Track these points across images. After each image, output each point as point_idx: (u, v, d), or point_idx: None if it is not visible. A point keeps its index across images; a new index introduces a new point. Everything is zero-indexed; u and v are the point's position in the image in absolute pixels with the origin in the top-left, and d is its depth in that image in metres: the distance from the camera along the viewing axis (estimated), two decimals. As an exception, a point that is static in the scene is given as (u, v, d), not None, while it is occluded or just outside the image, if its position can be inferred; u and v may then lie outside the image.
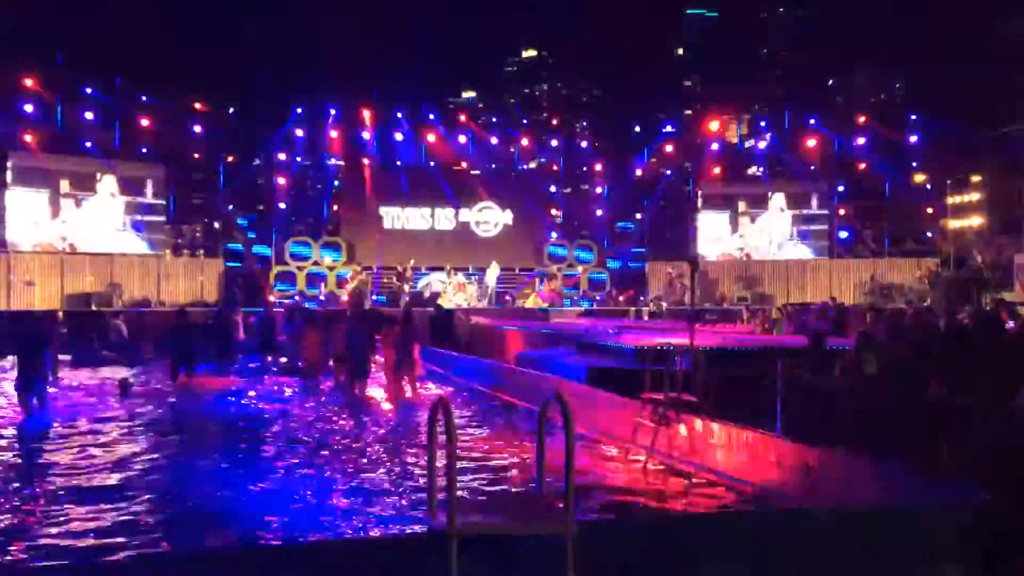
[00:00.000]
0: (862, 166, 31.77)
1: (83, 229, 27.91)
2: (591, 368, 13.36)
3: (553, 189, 34.74)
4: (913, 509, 5.59)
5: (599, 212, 34.88)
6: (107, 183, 28.49)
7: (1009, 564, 4.95)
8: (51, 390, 13.97)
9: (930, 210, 32.93)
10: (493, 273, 29.43)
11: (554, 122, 34.89)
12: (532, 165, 34.59)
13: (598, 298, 30.19)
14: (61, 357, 17.73)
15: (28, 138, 27.13)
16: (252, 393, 15.59)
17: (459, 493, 3.86)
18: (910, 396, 7.58)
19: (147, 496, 8.16)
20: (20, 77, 27.34)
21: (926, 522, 5.21)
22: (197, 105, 30.59)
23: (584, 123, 35.67)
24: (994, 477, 5.55)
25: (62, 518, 7.45)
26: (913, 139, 31.18)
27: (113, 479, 8.92)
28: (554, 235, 33.46)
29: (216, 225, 33.30)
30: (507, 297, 29.73)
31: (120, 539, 6.84)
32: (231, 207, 31.98)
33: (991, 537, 4.96)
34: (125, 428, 11.94)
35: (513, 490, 8.49)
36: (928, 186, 33.04)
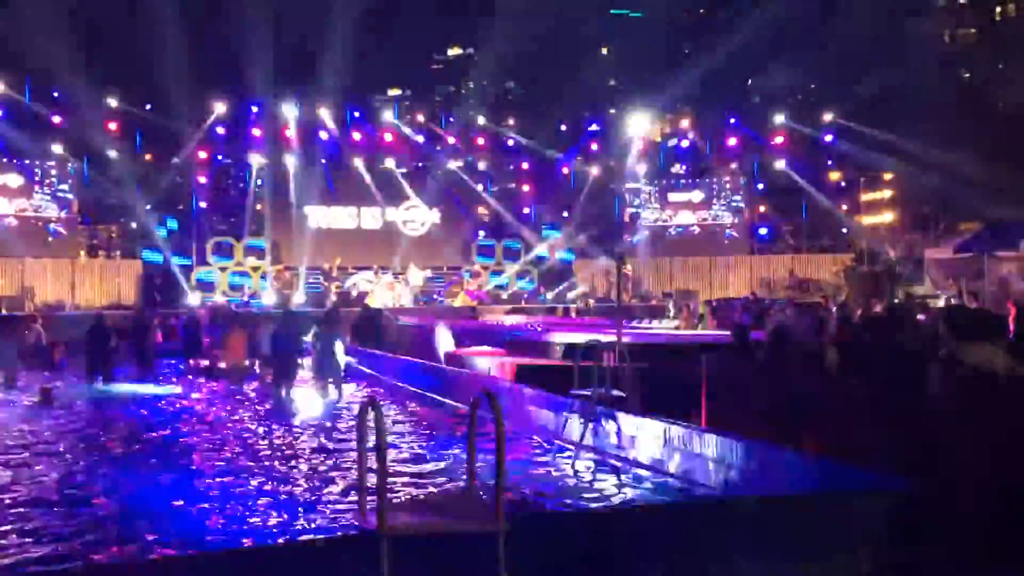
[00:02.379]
0: (780, 164, 32.64)
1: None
2: (520, 366, 13.43)
3: (480, 188, 34.74)
4: (834, 496, 5.79)
5: (526, 210, 35.03)
6: (14, 183, 27.53)
7: (927, 548, 5.15)
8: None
9: (844, 207, 33.99)
10: (416, 274, 29.29)
11: (480, 120, 34.64)
12: (459, 163, 34.51)
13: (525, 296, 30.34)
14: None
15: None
16: (174, 398, 15.21)
17: (389, 493, 3.84)
18: (830, 386, 7.83)
19: (67, 508, 7.89)
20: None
21: (846, 508, 5.39)
22: (112, 102, 29.61)
23: (510, 121, 35.78)
24: (910, 464, 5.78)
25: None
26: (828, 138, 32.16)
27: (30, 492, 8.60)
28: (482, 234, 33.47)
29: (133, 225, 32.24)
30: (435, 296, 29.65)
31: (39, 553, 6.62)
32: (149, 207, 31.02)
33: (909, 522, 5.16)
34: (43, 438, 11.52)
35: (444, 489, 8.48)
36: (843, 184, 34.11)
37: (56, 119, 28.65)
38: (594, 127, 33.99)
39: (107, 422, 12.87)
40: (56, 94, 28.68)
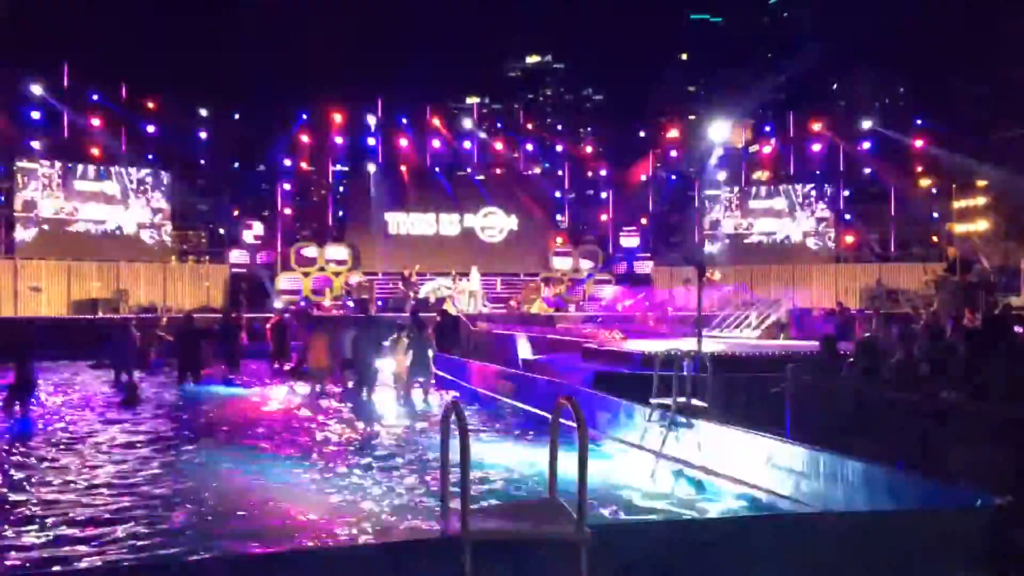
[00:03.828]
0: (867, 170, 31.75)
1: (91, 235, 28.08)
2: (598, 373, 13.35)
3: (558, 194, 34.78)
4: (927, 513, 5.58)
5: (604, 217, 34.92)
6: (111, 189, 28.67)
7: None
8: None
9: (936, 214, 32.86)
10: (476, 278, 29.26)
11: (559, 127, 34.78)
12: (537, 170, 34.63)
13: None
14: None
15: (36, 145, 27.25)
16: (260, 399, 15.59)
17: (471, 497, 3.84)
18: (921, 400, 7.56)
19: (158, 503, 8.15)
20: (28, 85, 27.50)
21: (940, 526, 5.19)
22: (202, 111, 30.68)
23: (588, 128, 35.70)
24: (1008, 480, 5.53)
25: (67, 527, 7.47)
26: (919, 143, 31.15)
27: (124, 487, 8.91)
28: (559, 240, 33.46)
29: (221, 231, 33.35)
30: (511, 302, 29.72)
31: (132, 549, 6.85)
32: (236, 213, 32.02)
33: (1006, 542, 4.94)
34: (133, 435, 11.95)
35: (525, 494, 8.48)
36: (934, 190, 32.97)
37: (150, 128, 29.83)
38: (673, 133, 33.64)
39: (193, 420, 13.26)
40: (151, 105, 29.85)
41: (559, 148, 34.28)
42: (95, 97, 29.11)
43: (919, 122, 31.36)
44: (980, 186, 32.07)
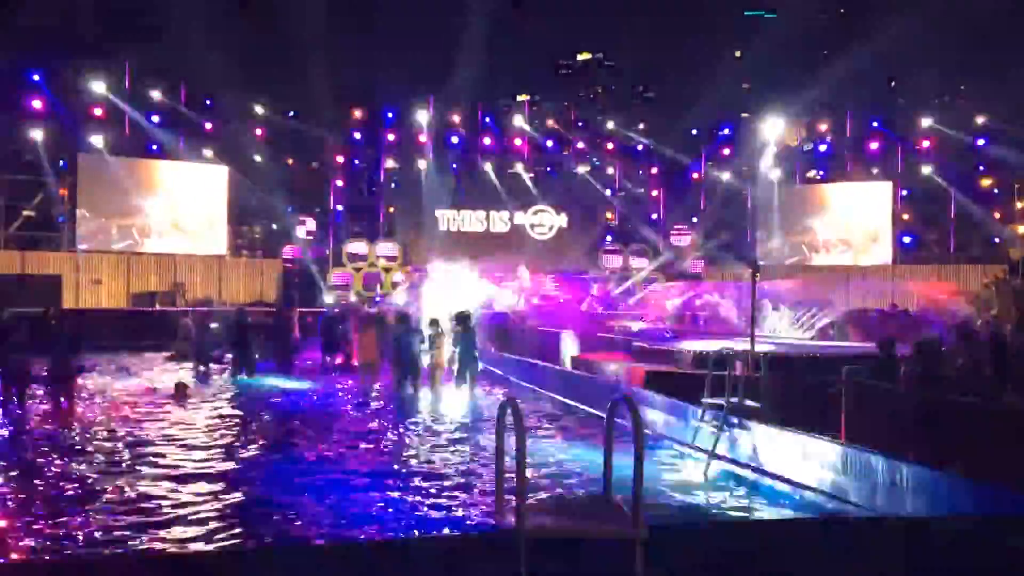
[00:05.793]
0: (927, 170, 31.03)
1: (149, 230, 28.69)
2: (649, 372, 13.28)
3: (608, 192, 34.61)
4: (988, 520, 5.45)
5: (655, 216, 34.66)
6: (170, 185, 29.23)
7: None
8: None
9: (998, 215, 31.99)
10: (525, 275, 29.12)
11: (609, 125, 34.55)
12: (587, 168, 34.50)
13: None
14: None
15: (97, 141, 27.93)
16: (311, 392, 15.78)
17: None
18: (984, 404, 7.39)
19: (213, 495, 8.30)
20: (90, 82, 28.17)
21: (999, 534, 5.07)
22: (258, 109, 31.16)
23: (640, 126, 35.53)
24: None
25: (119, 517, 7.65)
26: (980, 142, 30.34)
27: (181, 478, 9.10)
28: (609, 239, 33.30)
29: (275, 226, 33.86)
30: (560, 301, 29.61)
31: (183, 539, 6.99)
32: (290, 209, 32.51)
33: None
34: (190, 427, 12.19)
35: (579, 492, 8.46)
36: (996, 190, 32.10)
37: (208, 125, 30.38)
38: (726, 131, 33.24)
39: (247, 413, 13.44)
40: (208, 102, 30.40)
41: (609, 146, 34.11)
42: (155, 95, 29.74)
43: (980, 120, 30.54)
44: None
